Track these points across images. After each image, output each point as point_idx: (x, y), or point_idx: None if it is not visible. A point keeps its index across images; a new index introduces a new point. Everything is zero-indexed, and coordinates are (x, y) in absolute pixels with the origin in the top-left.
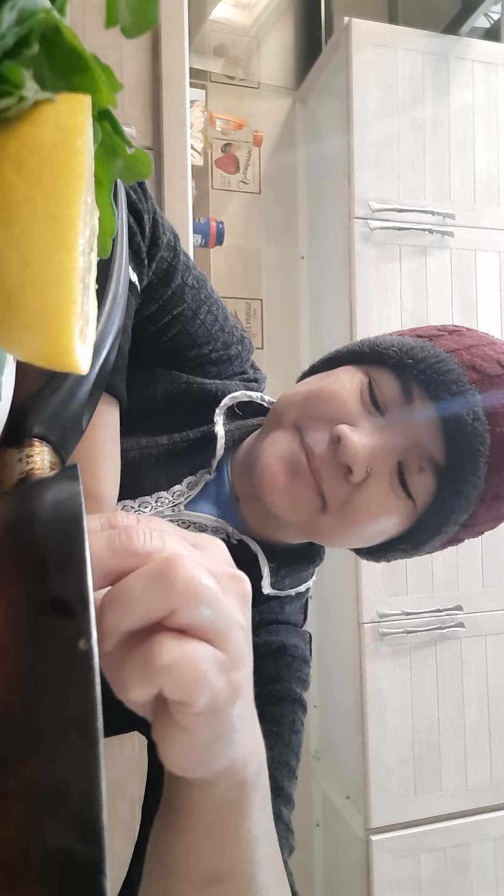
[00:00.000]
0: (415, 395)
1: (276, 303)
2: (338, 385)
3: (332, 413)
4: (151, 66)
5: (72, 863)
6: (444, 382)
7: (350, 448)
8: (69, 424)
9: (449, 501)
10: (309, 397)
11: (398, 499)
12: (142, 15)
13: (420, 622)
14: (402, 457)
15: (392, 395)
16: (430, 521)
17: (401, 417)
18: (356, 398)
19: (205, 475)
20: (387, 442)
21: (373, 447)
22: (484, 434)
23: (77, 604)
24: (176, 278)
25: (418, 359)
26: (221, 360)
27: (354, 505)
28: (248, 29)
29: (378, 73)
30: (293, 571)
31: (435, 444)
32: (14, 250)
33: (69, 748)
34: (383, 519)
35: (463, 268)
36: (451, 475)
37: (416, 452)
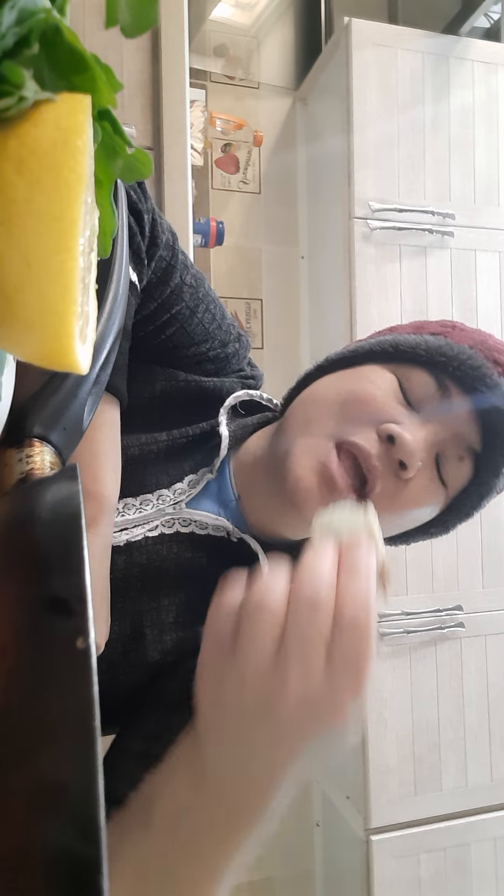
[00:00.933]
0: (451, 389)
1: (276, 303)
2: (372, 386)
3: (375, 415)
4: (151, 66)
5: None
6: (478, 377)
7: (407, 445)
8: (69, 424)
9: (486, 484)
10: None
11: (436, 488)
12: (142, 15)
13: (420, 622)
14: (440, 449)
15: (428, 391)
16: (464, 504)
17: (441, 411)
18: (392, 397)
19: (206, 474)
20: (432, 436)
21: (424, 441)
22: None
23: (76, 603)
24: (174, 277)
25: (450, 356)
26: (219, 359)
27: (401, 498)
28: (248, 29)
29: (378, 73)
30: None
31: (472, 434)
32: (14, 250)
33: (67, 747)
34: (423, 508)
35: (463, 268)
36: (490, 461)
37: (456, 443)
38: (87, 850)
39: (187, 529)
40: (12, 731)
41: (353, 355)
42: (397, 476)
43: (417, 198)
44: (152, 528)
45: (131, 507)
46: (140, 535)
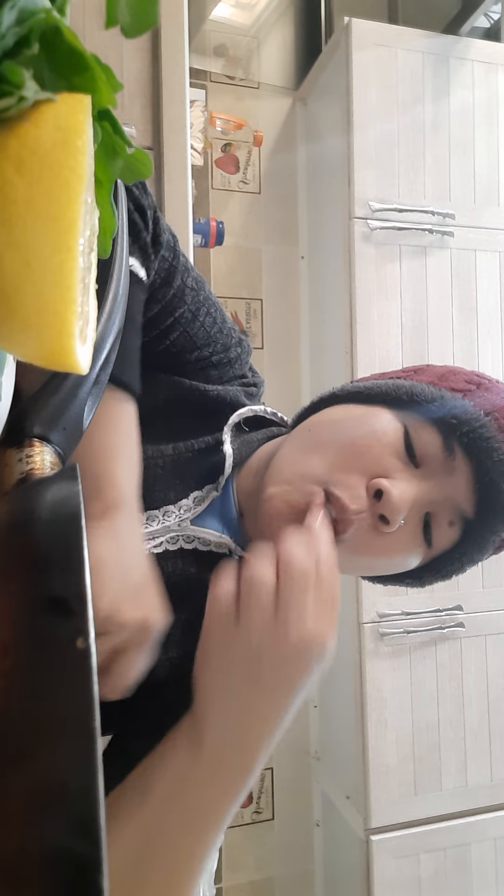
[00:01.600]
0: (457, 453)
1: (276, 303)
2: (373, 436)
3: (369, 468)
4: (151, 66)
5: (70, 862)
6: (486, 449)
7: (392, 503)
8: (69, 424)
9: (469, 553)
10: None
11: (418, 544)
12: (142, 15)
13: (420, 622)
14: (431, 508)
15: (433, 449)
16: (443, 566)
17: (441, 472)
18: (392, 450)
19: (212, 492)
20: (421, 494)
21: (412, 500)
22: None
23: (75, 603)
24: (176, 278)
25: (462, 420)
26: (222, 363)
27: (373, 545)
28: (248, 29)
29: (378, 73)
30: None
31: (467, 503)
32: (14, 250)
33: (67, 747)
34: (397, 559)
35: (463, 268)
36: (478, 531)
37: (449, 507)
38: (87, 849)
39: (191, 546)
40: (12, 731)
41: (368, 393)
42: (377, 528)
43: (417, 198)
44: (157, 544)
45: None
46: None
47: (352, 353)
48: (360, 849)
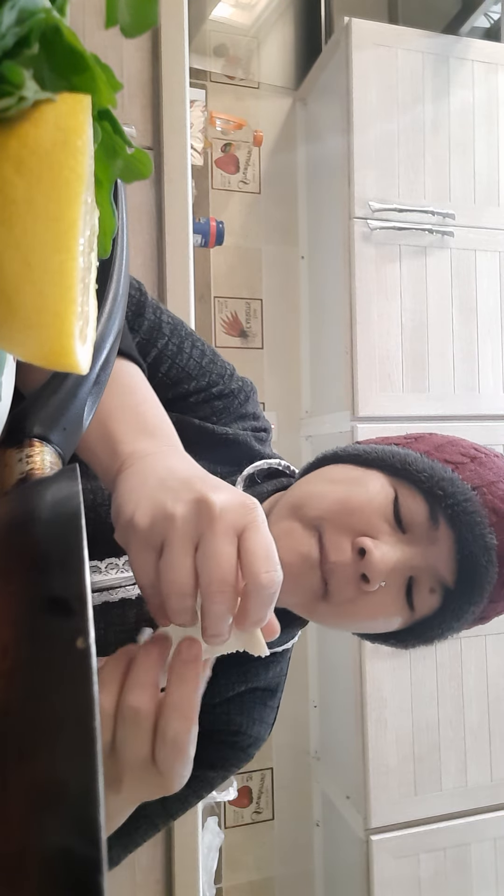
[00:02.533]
0: (440, 523)
1: (276, 303)
2: (365, 496)
3: (357, 525)
4: (151, 66)
5: (70, 862)
6: (468, 523)
7: (373, 563)
8: (69, 424)
9: (448, 622)
10: (337, 505)
11: (400, 608)
12: (141, 15)
13: None
14: (414, 573)
15: (419, 517)
16: (424, 631)
17: (423, 540)
18: (381, 514)
19: None
20: (405, 559)
21: (394, 564)
22: (493, 573)
23: (75, 603)
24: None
25: (448, 492)
26: (224, 394)
27: (357, 606)
28: (248, 29)
29: (378, 73)
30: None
31: (448, 571)
32: (14, 250)
33: (67, 747)
34: (380, 620)
35: (463, 268)
36: (457, 601)
37: (430, 574)
38: (87, 850)
39: None
40: (12, 731)
41: (365, 457)
42: (359, 587)
43: (417, 198)
44: None
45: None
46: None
47: (352, 353)
48: (359, 849)
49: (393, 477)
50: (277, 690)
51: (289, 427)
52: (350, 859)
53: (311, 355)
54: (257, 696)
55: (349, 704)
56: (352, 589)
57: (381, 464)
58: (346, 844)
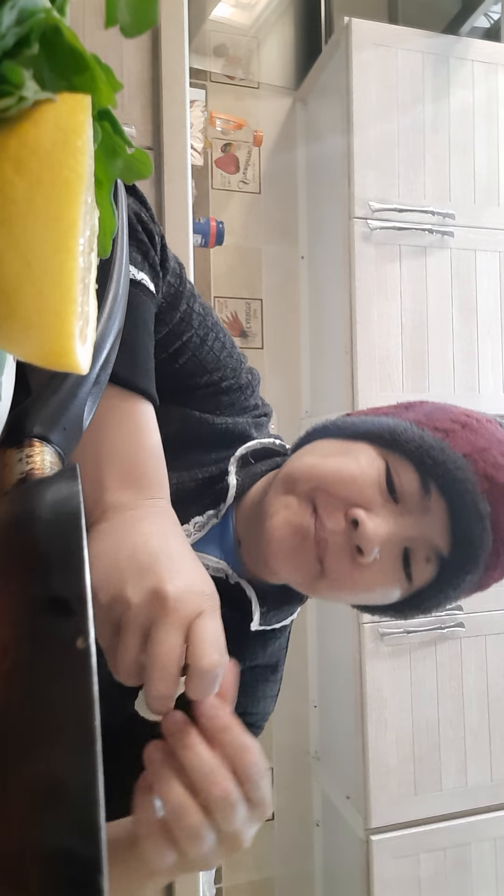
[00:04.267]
0: (432, 493)
1: (276, 303)
2: (357, 468)
3: (351, 496)
4: (151, 66)
5: (70, 862)
6: (459, 491)
7: (366, 534)
8: (69, 424)
9: (445, 591)
10: (329, 477)
11: (397, 578)
12: (141, 15)
13: (420, 622)
14: (410, 544)
15: (411, 487)
16: (423, 602)
17: (416, 511)
18: (374, 484)
19: (212, 518)
20: (399, 529)
21: (387, 534)
22: (487, 541)
23: (75, 603)
24: (182, 303)
25: (438, 461)
26: (232, 390)
27: (354, 579)
28: (248, 29)
29: (378, 73)
30: (282, 611)
31: (443, 540)
32: (14, 250)
33: (67, 747)
34: (378, 591)
35: (463, 268)
36: (453, 570)
37: (425, 543)
38: (87, 850)
39: None
40: (12, 731)
41: (354, 430)
42: (354, 559)
43: (417, 198)
44: None
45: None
46: None
47: (352, 353)
48: (359, 849)
49: (383, 448)
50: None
51: (289, 427)
52: (350, 859)
53: (311, 355)
54: (257, 673)
55: (349, 704)
56: (347, 562)
57: (371, 436)
58: (346, 844)
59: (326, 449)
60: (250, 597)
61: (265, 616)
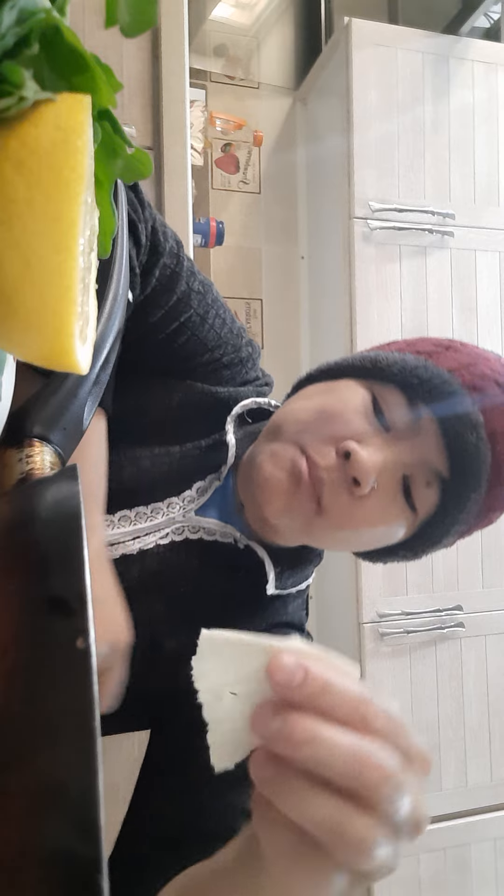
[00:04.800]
0: (422, 413)
1: (276, 303)
2: (341, 403)
3: (338, 431)
4: (151, 66)
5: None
6: (449, 404)
7: (360, 463)
8: (69, 424)
9: (451, 514)
10: (314, 415)
11: (400, 510)
12: (141, 15)
13: (420, 622)
14: (407, 471)
15: (400, 412)
16: (431, 531)
17: (408, 434)
18: (361, 414)
19: (214, 481)
20: (394, 457)
21: (382, 462)
22: (486, 452)
23: (75, 603)
24: (181, 284)
25: (423, 378)
26: (233, 364)
27: (354, 514)
28: (248, 29)
29: (378, 73)
30: (295, 573)
31: (440, 460)
32: (14, 250)
33: (67, 747)
34: (381, 528)
35: (463, 268)
36: (455, 490)
37: (423, 467)
38: (87, 850)
39: (196, 536)
40: (12, 731)
41: (336, 368)
42: (351, 493)
43: (417, 198)
44: (163, 535)
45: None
46: (152, 543)
47: (352, 353)
48: None
49: (366, 380)
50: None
51: None
52: None
53: (311, 355)
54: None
55: None
56: (345, 497)
57: (352, 370)
58: None
59: (310, 392)
60: (262, 558)
61: (280, 577)
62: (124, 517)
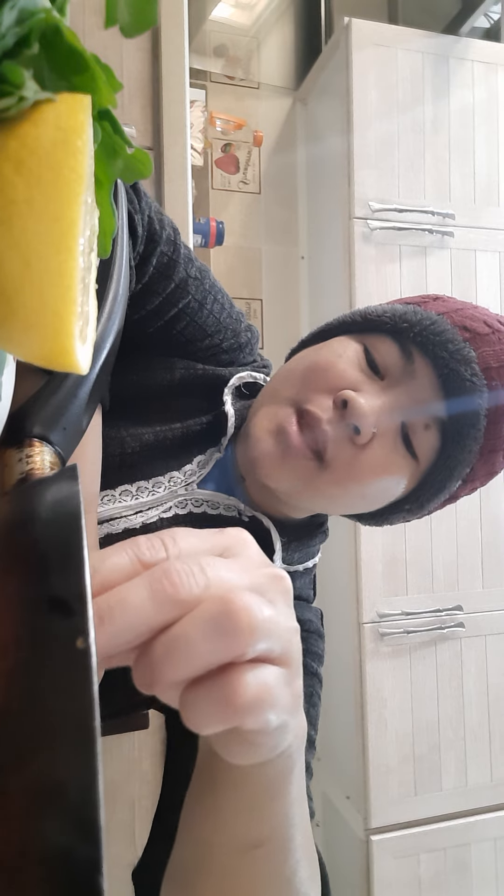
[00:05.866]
0: (414, 356)
1: (276, 303)
2: (333, 355)
3: (333, 382)
4: (151, 66)
5: (70, 862)
6: (440, 342)
7: (358, 409)
8: (69, 424)
9: (453, 455)
10: (307, 371)
11: (402, 458)
12: (141, 15)
13: (420, 622)
14: (405, 417)
15: (392, 358)
16: (434, 478)
17: (403, 379)
18: (354, 365)
19: (214, 453)
20: (391, 402)
21: (380, 407)
22: (482, 388)
23: (75, 603)
24: (178, 271)
25: (413, 322)
26: (233, 349)
27: (358, 466)
28: (248, 29)
29: (378, 73)
30: (301, 546)
31: (436, 400)
32: (14, 250)
33: (67, 748)
34: (386, 478)
35: (463, 268)
36: (453, 430)
37: (420, 410)
38: (87, 850)
39: (199, 510)
40: (12, 731)
41: (327, 328)
42: (353, 442)
43: (417, 198)
44: (166, 509)
45: (144, 490)
46: (155, 517)
47: None
48: (359, 849)
49: (356, 333)
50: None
51: None
52: (350, 859)
53: None
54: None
55: (349, 704)
56: (348, 447)
57: (342, 326)
58: (346, 845)
59: (303, 354)
60: (268, 527)
61: (287, 549)
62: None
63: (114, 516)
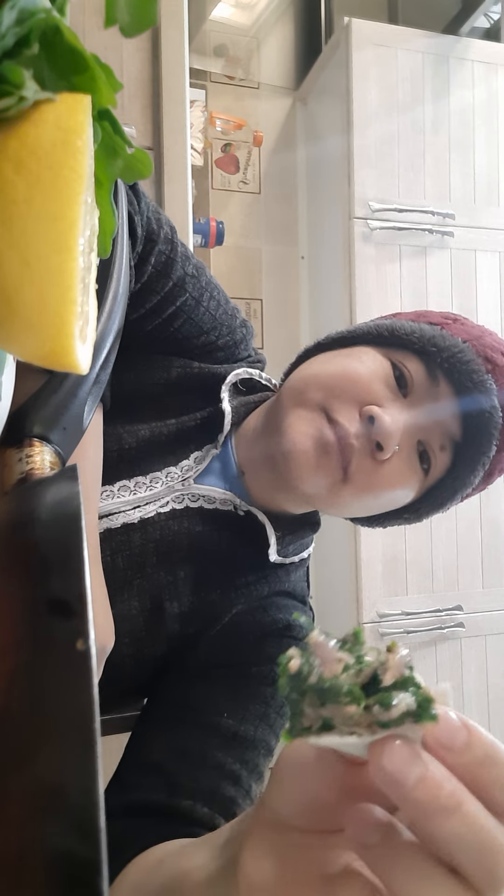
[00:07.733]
0: (439, 380)
1: (276, 303)
2: (363, 367)
3: (360, 395)
4: (151, 66)
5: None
6: (466, 371)
7: (384, 427)
8: (69, 424)
9: (461, 477)
10: (336, 379)
11: (415, 473)
12: (140, 15)
13: (420, 622)
14: (423, 436)
15: (418, 378)
16: (438, 493)
17: (426, 400)
18: (381, 380)
19: (211, 450)
20: (412, 421)
21: (404, 426)
22: (498, 419)
23: (76, 604)
24: (176, 269)
25: (441, 347)
26: (228, 346)
27: (376, 478)
28: (248, 29)
29: (378, 73)
30: (296, 539)
31: (455, 425)
32: (14, 250)
33: (67, 749)
34: (398, 490)
35: (463, 268)
36: (466, 454)
37: (439, 432)
38: (87, 851)
39: (196, 504)
40: (12, 732)
41: (351, 335)
42: (374, 456)
43: (417, 198)
44: (163, 504)
45: (142, 486)
46: (153, 512)
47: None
48: None
49: (384, 347)
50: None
51: None
52: None
53: None
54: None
55: None
56: (368, 461)
57: (369, 337)
58: None
59: (327, 357)
60: (263, 522)
61: (281, 542)
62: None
63: (112, 511)
